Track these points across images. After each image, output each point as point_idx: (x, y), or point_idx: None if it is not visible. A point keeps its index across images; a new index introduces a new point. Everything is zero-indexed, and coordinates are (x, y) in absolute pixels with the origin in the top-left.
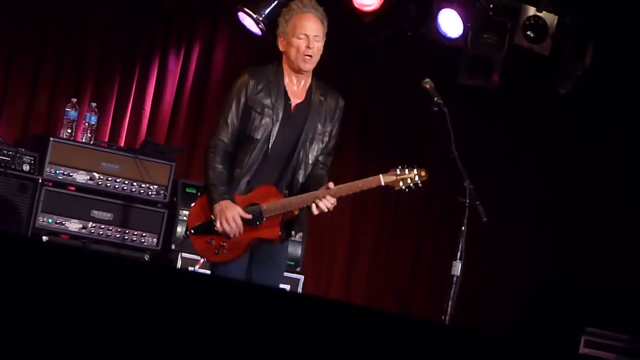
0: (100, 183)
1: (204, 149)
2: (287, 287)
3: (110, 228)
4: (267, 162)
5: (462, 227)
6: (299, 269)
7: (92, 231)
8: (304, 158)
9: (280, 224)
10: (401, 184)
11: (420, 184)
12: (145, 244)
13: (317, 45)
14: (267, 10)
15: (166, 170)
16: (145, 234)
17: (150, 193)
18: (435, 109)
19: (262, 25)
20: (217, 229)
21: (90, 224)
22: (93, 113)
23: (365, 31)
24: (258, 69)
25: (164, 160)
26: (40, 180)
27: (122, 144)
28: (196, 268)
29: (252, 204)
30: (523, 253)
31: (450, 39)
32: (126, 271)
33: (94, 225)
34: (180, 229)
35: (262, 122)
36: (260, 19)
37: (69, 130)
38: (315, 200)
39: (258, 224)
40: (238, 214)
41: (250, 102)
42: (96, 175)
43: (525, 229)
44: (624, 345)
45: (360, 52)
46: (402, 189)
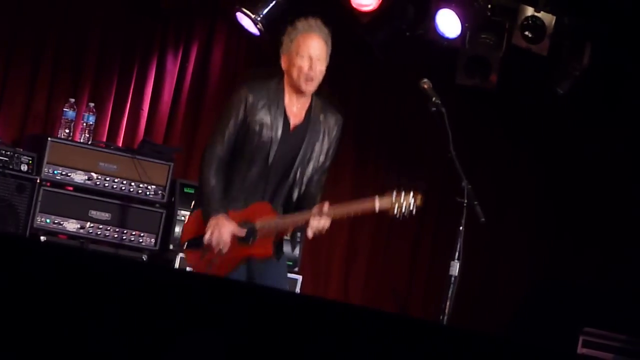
0: (98, 183)
1: (202, 149)
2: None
3: (108, 228)
4: (263, 180)
5: (460, 227)
6: (297, 269)
7: (90, 231)
8: (300, 177)
9: (273, 243)
10: (395, 211)
11: (414, 212)
12: (143, 244)
13: (319, 67)
14: (265, 11)
15: (164, 170)
16: (143, 234)
17: (148, 193)
18: (433, 109)
19: (260, 25)
20: (206, 243)
21: (88, 224)
22: (91, 113)
23: (363, 31)
24: (258, 83)
25: (162, 161)
26: (38, 181)
27: (120, 144)
28: None
29: (246, 221)
30: (521, 253)
31: (448, 39)
32: (124, 271)
33: (92, 225)
34: (178, 229)
35: (261, 141)
36: (259, 19)
37: (67, 130)
38: (309, 221)
39: (251, 241)
40: (231, 230)
41: (248, 119)
42: (94, 175)
43: (523, 229)
44: (622, 345)
45: (359, 52)
46: (396, 216)
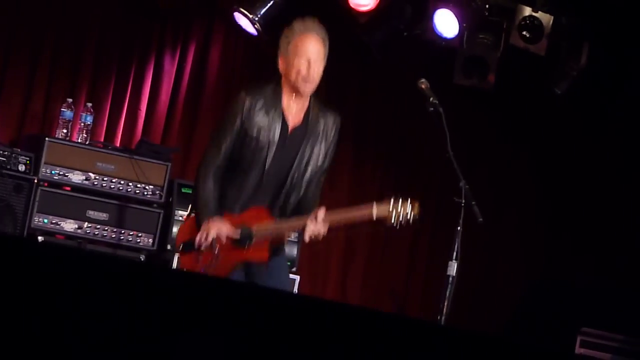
0: (95, 183)
1: (199, 149)
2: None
3: (105, 228)
4: (261, 185)
5: (458, 227)
6: (294, 269)
7: (88, 231)
8: (298, 180)
9: (269, 248)
10: (393, 220)
11: (411, 221)
12: (140, 244)
13: (317, 68)
14: (263, 11)
15: (162, 170)
16: (141, 234)
17: (145, 193)
18: (431, 109)
19: (258, 25)
20: (197, 244)
21: (86, 224)
22: (89, 113)
23: (361, 31)
24: (256, 88)
25: (160, 161)
26: (35, 181)
27: (118, 144)
28: None
29: (242, 225)
30: (519, 253)
31: (445, 39)
32: (122, 272)
33: (90, 225)
34: (176, 230)
35: (258, 145)
36: (256, 19)
37: (65, 131)
38: (305, 226)
39: (247, 245)
40: (225, 230)
41: (246, 124)
42: (92, 175)
43: (521, 229)
44: (620, 345)
45: (356, 52)
46: (393, 225)
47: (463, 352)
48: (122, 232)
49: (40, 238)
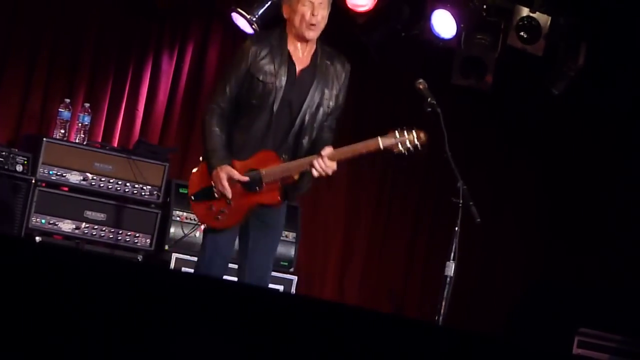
0: (93, 183)
1: (197, 149)
2: (281, 287)
3: (103, 228)
4: (270, 129)
5: (456, 228)
6: (292, 269)
7: (86, 232)
8: (309, 124)
9: (280, 189)
10: (400, 147)
11: (419, 147)
12: (138, 244)
13: (321, 13)
14: (261, 11)
15: (159, 170)
16: (139, 234)
17: (143, 193)
18: (428, 109)
19: (256, 25)
20: (216, 194)
21: (84, 225)
22: (86, 113)
23: (358, 32)
24: (261, 34)
25: (158, 161)
26: (33, 181)
27: (116, 145)
28: (191, 234)
29: (251, 170)
30: (516, 254)
31: (443, 40)
32: (120, 272)
33: (87, 225)
34: (173, 230)
35: (265, 90)
36: (254, 19)
37: (62, 131)
38: (313, 163)
39: (258, 189)
40: (236, 176)
41: (252, 69)
42: (89, 175)
43: (519, 229)
44: (617, 346)
45: (354, 52)
46: (401, 152)
47: (461, 353)
48: (120, 232)
49: (37, 238)
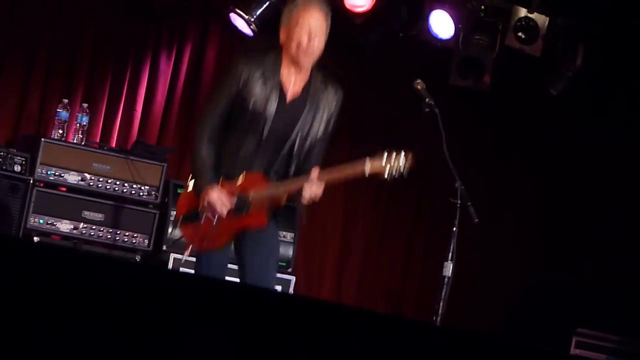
0: (91, 184)
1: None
2: (279, 287)
3: (101, 229)
4: (258, 154)
5: (454, 228)
6: (290, 269)
7: (84, 232)
8: (297, 151)
9: (267, 212)
10: (386, 174)
11: (405, 174)
12: (136, 244)
13: (318, 39)
14: (259, 11)
15: (157, 170)
16: (137, 234)
17: (141, 194)
18: (426, 109)
19: (254, 26)
20: (202, 215)
21: (82, 225)
22: (84, 114)
23: (356, 32)
24: (255, 57)
25: (156, 161)
26: (31, 181)
27: (114, 145)
28: (184, 255)
29: (239, 191)
30: (514, 254)
31: (441, 40)
32: (118, 272)
33: (85, 226)
34: (171, 230)
35: (255, 115)
36: (252, 19)
37: (61, 131)
38: (302, 187)
39: (245, 212)
40: (223, 197)
41: (243, 92)
42: (87, 176)
43: (517, 229)
44: (615, 346)
45: (352, 53)
46: (387, 179)
47: (458, 353)
48: (118, 232)
49: (35, 238)
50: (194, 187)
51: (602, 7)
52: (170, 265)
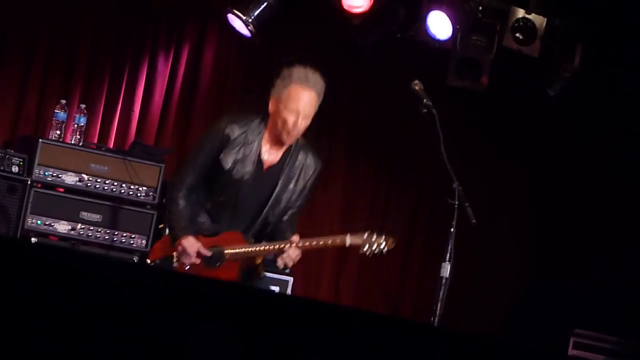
0: (89, 184)
1: None
2: (277, 288)
3: (99, 229)
4: (234, 216)
5: (451, 229)
6: (287, 270)
7: (81, 232)
8: (271, 215)
9: (240, 268)
10: (366, 249)
11: (384, 252)
12: (134, 245)
13: (304, 124)
14: (257, 12)
15: (155, 171)
16: (134, 235)
17: (139, 194)
18: (424, 110)
19: (252, 26)
20: (174, 264)
21: (79, 226)
22: (82, 114)
23: (354, 33)
24: (238, 121)
25: (153, 162)
26: (29, 182)
27: (111, 146)
28: None
29: (215, 246)
30: (512, 254)
31: (439, 41)
32: (115, 273)
33: (83, 226)
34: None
35: (230, 181)
36: (250, 20)
37: (58, 132)
38: (280, 251)
39: (218, 265)
40: (198, 249)
41: (222, 156)
42: (85, 176)
43: (515, 230)
44: (613, 347)
45: (350, 53)
46: (365, 253)
47: (456, 354)
48: (116, 233)
49: (33, 239)
50: (169, 235)
51: (599, 8)
52: None
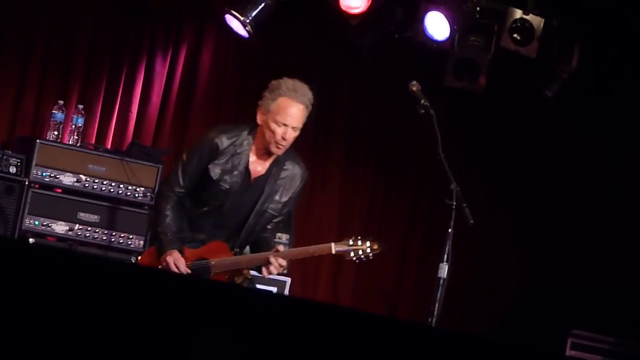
0: (87, 185)
1: None
2: (274, 289)
3: (96, 230)
4: (219, 225)
5: (449, 230)
6: (285, 271)
7: (79, 233)
8: (255, 224)
9: (227, 281)
10: (352, 255)
11: (371, 257)
12: (132, 246)
13: (292, 135)
14: (254, 13)
15: (153, 172)
16: (132, 236)
17: (137, 195)
18: (422, 111)
19: (249, 27)
20: None
21: (77, 226)
22: (80, 115)
23: (352, 34)
24: (229, 133)
25: (151, 162)
26: (26, 182)
27: (109, 146)
28: None
29: (201, 258)
30: (510, 255)
31: (437, 42)
32: (113, 273)
33: (81, 227)
34: None
35: (217, 191)
36: (247, 21)
37: (56, 132)
38: (266, 262)
39: (205, 277)
40: (181, 266)
41: (210, 166)
42: (83, 177)
43: (512, 231)
44: (610, 348)
45: (347, 54)
46: (352, 259)
47: (454, 355)
48: (113, 234)
49: (31, 240)
50: (156, 247)
51: (597, 8)
52: None
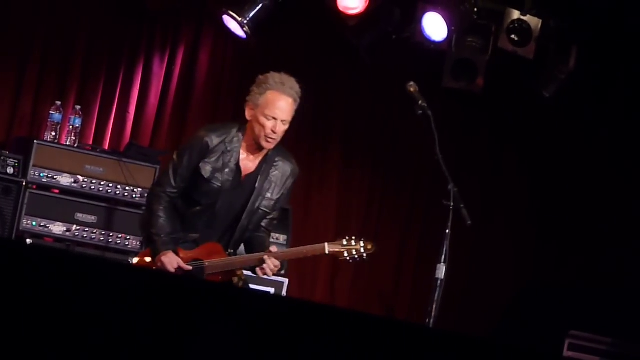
0: (84, 186)
1: None
2: (272, 290)
3: (94, 231)
4: (212, 224)
5: (447, 230)
6: (283, 271)
7: (76, 234)
8: (249, 223)
9: (221, 282)
10: (345, 255)
11: (365, 257)
12: (129, 246)
13: (282, 128)
14: (252, 14)
15: (150, 173)
16: (130, 236)
17: (134, 196)
18: (419, 112)
19: (247, 28)
20: None
21: (75, 227)
22: (77, 116)
23: (350, 34)
24: (217, 130)
25: (148, 163)
26: (24, 183)
27: (107, 147)
28: None
29: (195, 260)
30: (507, 256)
31: (434, 43)
32: (111, 274)
33: (78, 228)
34: None
35: (209, 190)
36: (245, 22)
37: (53, 133)
38: (260, 262)
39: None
40: (177, 264)
41: (201, 165)
42: (80, 178)
43: (510, 232)
44: (607, 348)
45: (345, 55)
46: (346, 259)
47: (451, 355)
48: (111, 234)
49: (28, 240)
50: (150, 248)
51: (595, 9)
52: None
